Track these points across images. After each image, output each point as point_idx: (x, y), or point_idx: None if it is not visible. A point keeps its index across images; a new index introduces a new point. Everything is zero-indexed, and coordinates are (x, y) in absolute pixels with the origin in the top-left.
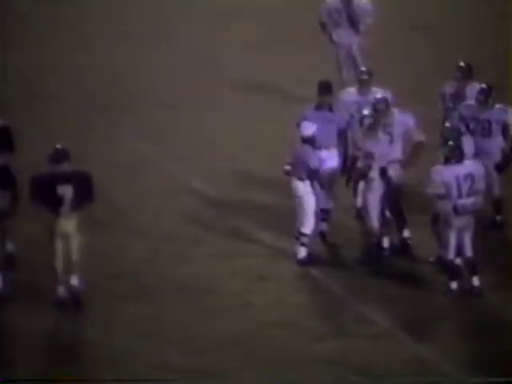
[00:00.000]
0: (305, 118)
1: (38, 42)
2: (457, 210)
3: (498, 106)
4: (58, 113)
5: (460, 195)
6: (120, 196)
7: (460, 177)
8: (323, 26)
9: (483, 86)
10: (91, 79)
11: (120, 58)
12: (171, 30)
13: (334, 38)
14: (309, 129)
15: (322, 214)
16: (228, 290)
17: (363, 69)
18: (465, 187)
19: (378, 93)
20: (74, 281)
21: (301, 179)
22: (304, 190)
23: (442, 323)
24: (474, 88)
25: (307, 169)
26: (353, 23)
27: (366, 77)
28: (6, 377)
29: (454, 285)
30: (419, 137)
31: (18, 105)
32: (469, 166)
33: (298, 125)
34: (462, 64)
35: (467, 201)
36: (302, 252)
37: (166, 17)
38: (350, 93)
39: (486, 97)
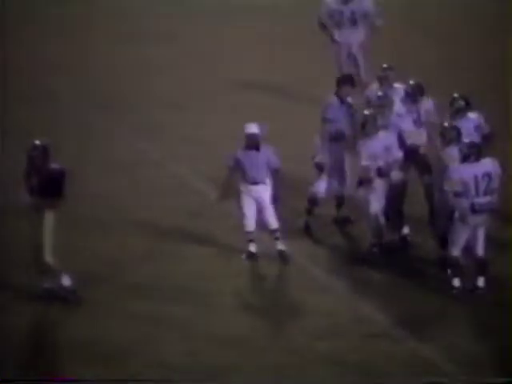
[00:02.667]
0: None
1: (39, 41)
2: (474, 208)
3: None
4: (59, 112)
5: (477, 193)
6: (120, 195)
7: (478, 175)
8: (323, 26)
9: None
10: (93, 79)
11: (121, 57)
12: (173, 29)
13: (336, 37)
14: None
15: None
16: (230, 290)
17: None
18: (482, 186)
19: (400, 88)
20: (66, 281)
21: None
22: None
23: (443, 321)
24: None
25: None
26: (354, 23)
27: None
28: (2, 377)
29: (456, 282)
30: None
31: (20, 104)
32: (486, 164)
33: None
34: None
35: (484, 199)
36: (251, 247)
37: (167, 16)
38: (373, 89)
39: None
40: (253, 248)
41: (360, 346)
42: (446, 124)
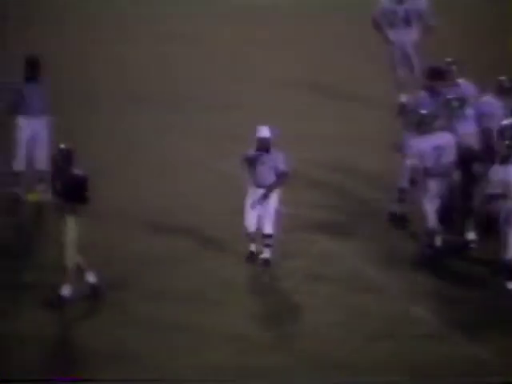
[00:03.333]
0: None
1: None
2: None
3: None
4: (106, 112)
5: None
6: (168, 196)
7: None
8: (377, 25)
9: None
10: (139, 80)
11: (165, 58)
12: (213, 30)
13: (390, 37)
14: None
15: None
16: (280, 290)
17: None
18: None
19: (465, 85)
20: (90, 277)
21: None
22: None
23: (496, 324)
24: None
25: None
26: (408, 22)
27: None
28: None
29: (510, 285)
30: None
31: (66, 103)
32: None
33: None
34: None
35: None
36: (252, 247)
37: (205, 16)
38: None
39: None
40: (253, 248)
41: (413, 347)
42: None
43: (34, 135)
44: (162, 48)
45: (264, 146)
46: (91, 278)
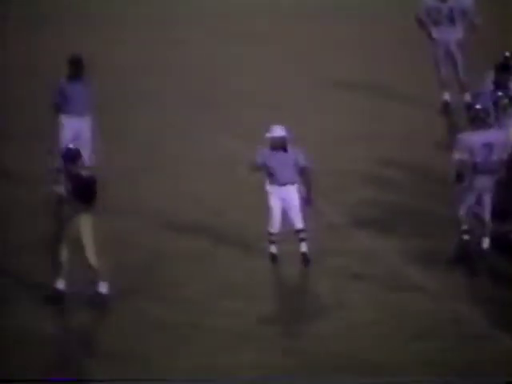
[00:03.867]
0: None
1: (136, 41)
2: None
3: None
4: (155, 112)
5: None
6: (212, 194)
7: None
8: (421, 23)
9: None
10: (188, 78)
11: (214, 57)
12: (265, 29)
13: (434, 35)
14: None
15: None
16: (320, 290)
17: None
18: None
19: None
20: (103, 288)
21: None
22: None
23: None
24: None
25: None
26: (452, 20)
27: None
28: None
29: None
30: None
31: (116, 104)
32: None
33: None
34: None
35: None
36: (273, 249)
37: (258, 16)
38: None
39: None
40: (274, 249)
41: (455, 347)
42: None
43: (76, 134)
44: (215, 47)
45: (279, 145)
46: (104, 288)
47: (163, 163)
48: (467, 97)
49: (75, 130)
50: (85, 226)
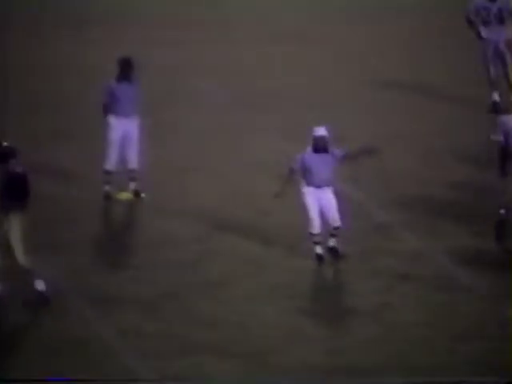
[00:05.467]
0: None
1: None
2: None
3: None
4: (204, 112)
5: None
6: (261, 196)
7: None
8: (470, 22)
9: None
10: (236, 79)
11: (256, 56)
12: (311, 29)
13: (483, 34)
14: None
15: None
16: (368, 290)
17: None
18: None
19: None
20: (40, 285)
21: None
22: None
23: None
24: None
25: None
26: (501, 20)
27: None
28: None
29: None
30: None
31: (164, 105)
32: None
33: None
34: None
35: None
36: (318, 249)
37: (299, 16)
38: None
39: None
40: (319, 250)
41: (503, 348)
42: None
43: (125, 135)
44: (260, 47)
45: (322, 145)
46: (40, 285)
47: (212, 163)
48: (496, 96)
49: (123, 130)
50: (15, 225)
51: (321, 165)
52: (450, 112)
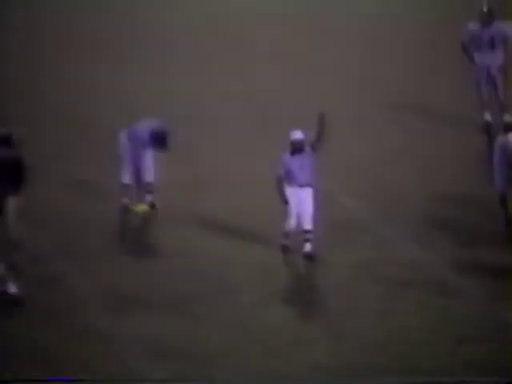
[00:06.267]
0: None
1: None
2: None
3: None
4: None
5: None
6: (272, 207)
7: None
8: (465, 48)
9: None
10: (250, 99)
11: (271, 81)
12: (312, 55)
13: (476, 60)
14: None
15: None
16: (371, 296)
17: None
18: None
19: None
20: (11, 288)
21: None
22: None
23: None
24: None
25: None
26: (493, 46)
27: None
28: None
29: None
30: None
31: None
32: None
33: None
34: None
35: None
36: (307, 247)
37: (309, 43)
38: None
39: None
40: (308, 248)
41: (503, 351)
42: None
43: (137, 148)
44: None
45: (299, 147)
46: (12, 288)
47: (227, 177)
48: (507, 117)
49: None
50: (11, 206)
51: (300, 165)
52: (448, 131)
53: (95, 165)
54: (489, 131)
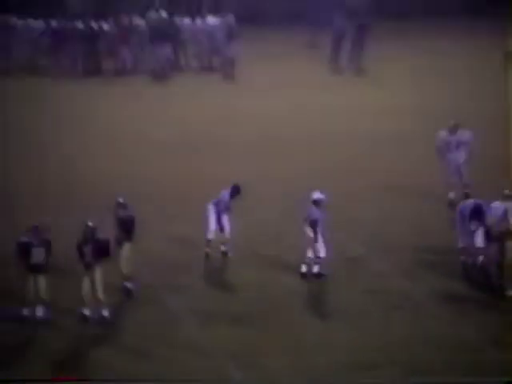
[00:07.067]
0: None
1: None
2: None
3: None
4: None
5: None
6: (290, 233)
7: None
8: (439, 150)
9: None
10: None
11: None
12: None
13: (447, 158)
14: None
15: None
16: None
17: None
18: None
19: None
20: (105, 312)
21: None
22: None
23: None
24: None
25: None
26: (458, 148)
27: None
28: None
29: None
30: None
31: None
32: None
33: None
34: None
35: None
36: (303, 268)
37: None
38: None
39: None
40: (316, 269)
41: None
42: None
43: (222, 207)
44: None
45: (319, 204)
46: (106, 312)
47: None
48: (452, 195)
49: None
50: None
51: (317, 214)
52: (420, 206)
53: (190, 224)
54: (452, 205)
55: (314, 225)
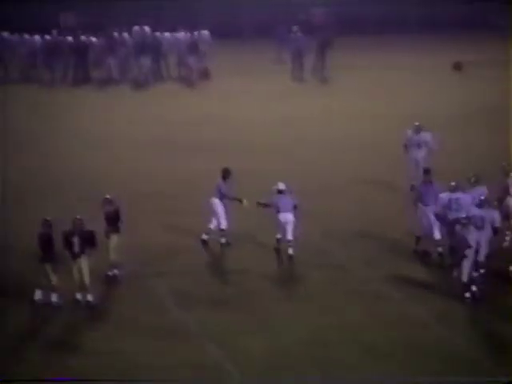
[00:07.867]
0: None
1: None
2: None
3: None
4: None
5: None
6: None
7: None
8: (405, 147)
9: None
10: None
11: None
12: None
13: (410, 153)
14: None
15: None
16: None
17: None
18: None
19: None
20: (89, 297)
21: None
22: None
23: None
24: None
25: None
26: (419, 146)
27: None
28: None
29: None
30: None
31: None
32: None
33: None
34: None
35: None
36: (290, 251)
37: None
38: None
39: None
40: (291, 251)
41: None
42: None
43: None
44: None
45: (282, 192)
46: (90, 297)
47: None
48: (413, 182)
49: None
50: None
51: (284, 202)
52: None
53: (193, 216)
54: (412, 189)
55: (280, 209)
